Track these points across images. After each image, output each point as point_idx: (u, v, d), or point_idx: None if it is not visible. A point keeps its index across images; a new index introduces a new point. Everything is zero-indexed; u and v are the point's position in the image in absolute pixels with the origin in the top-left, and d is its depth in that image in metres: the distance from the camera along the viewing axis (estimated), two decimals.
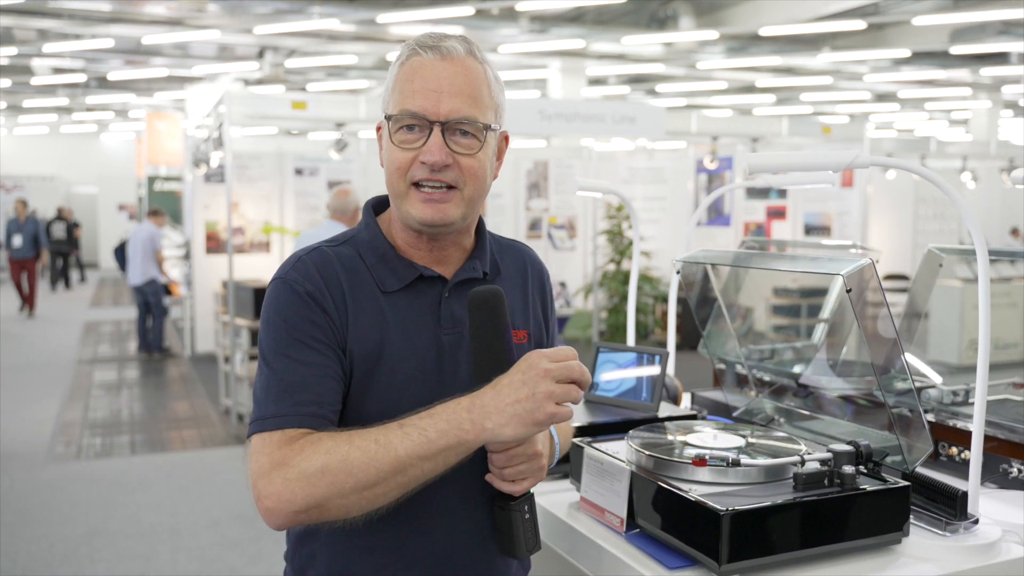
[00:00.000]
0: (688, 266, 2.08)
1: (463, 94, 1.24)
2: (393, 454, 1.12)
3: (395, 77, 1.28)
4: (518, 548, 1.27)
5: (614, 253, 9.95)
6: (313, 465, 1.11)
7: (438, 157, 1.23)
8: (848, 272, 1.37)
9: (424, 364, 1.26)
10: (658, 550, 1.42)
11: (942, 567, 1.38)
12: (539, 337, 1.41)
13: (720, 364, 2.22)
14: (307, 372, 1.21)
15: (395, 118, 1.25)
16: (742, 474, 1.42)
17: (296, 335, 1.22)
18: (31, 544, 4.44)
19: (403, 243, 1.32)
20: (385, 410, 1.22)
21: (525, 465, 1.23)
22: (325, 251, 1.30)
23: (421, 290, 1.30)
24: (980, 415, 1.45)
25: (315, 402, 1.19)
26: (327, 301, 1.24)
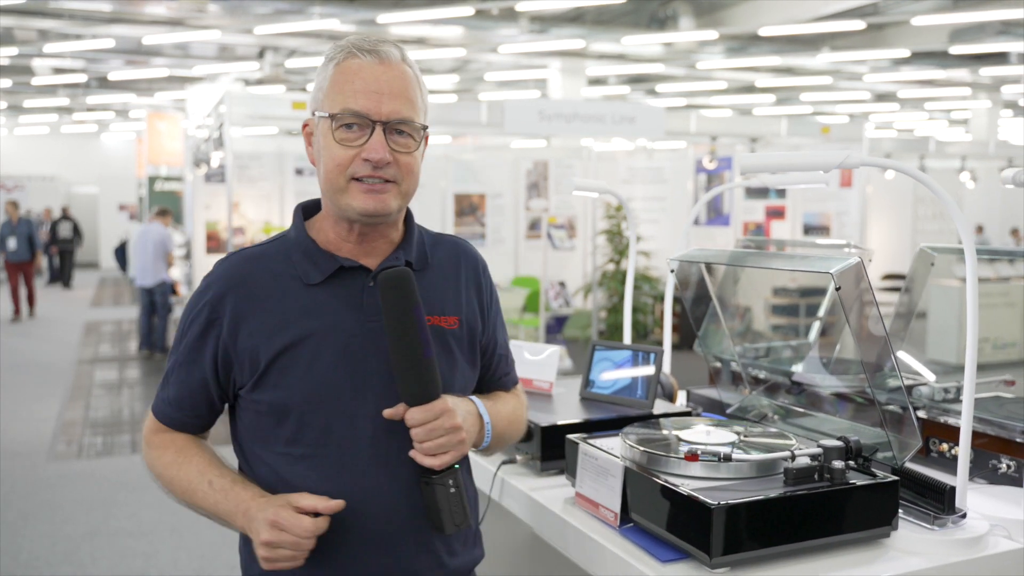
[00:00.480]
0: (684, 266, 2.10)
1: (401, 96, 1.33)
2: (194, 501, 1.38)
3: (331, 77, 1.34)
4: (444, 522, 1.31)
5: (613, 253, 9.97)
6: (154, 466, 1.44)
7: (381, 155, 1.31)
8: (838, 270, 1.39)
9: (347, 349, 1.35)
10: (651, 544, 1.44)
11: (930, 560, 1.40)
12: (473, 323, 1.47)
13: (715, 362, 2.24)
14: (181, 378, 1.41)
15: (337, 117, 1.32)
16: (734, 469, 1.44)
17: (185, 338, 1.40)
18: (32, 543, 4.47)
19: (333, 237, 1.40)
20: (313, 391, 1.34)
21: (444, 438, 1.30)
22: (254, 250, 1.42)
23: (345, 281, 1.38)
24: (968, 410, 1.47)
25: (177, 405, 1.42)
26: (223, 307, 1.37)
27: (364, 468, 1.34)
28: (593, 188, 2.29)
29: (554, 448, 1.79)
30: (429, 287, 1.42)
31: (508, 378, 1.58)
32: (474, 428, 1.38)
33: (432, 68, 15.21)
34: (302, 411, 1.34)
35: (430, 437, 1.29)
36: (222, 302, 1.37)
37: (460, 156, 10.63)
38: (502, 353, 1.56)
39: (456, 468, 1.33)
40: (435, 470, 1.31)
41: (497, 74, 14.98)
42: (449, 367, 1.41)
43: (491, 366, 1.54)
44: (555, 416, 1.88)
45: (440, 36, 11.66)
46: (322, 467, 1.34)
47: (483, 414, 1.42)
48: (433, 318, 1.40)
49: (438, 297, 1.43)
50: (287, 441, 1.36)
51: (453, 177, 9.99)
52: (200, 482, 1.36)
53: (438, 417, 1.30)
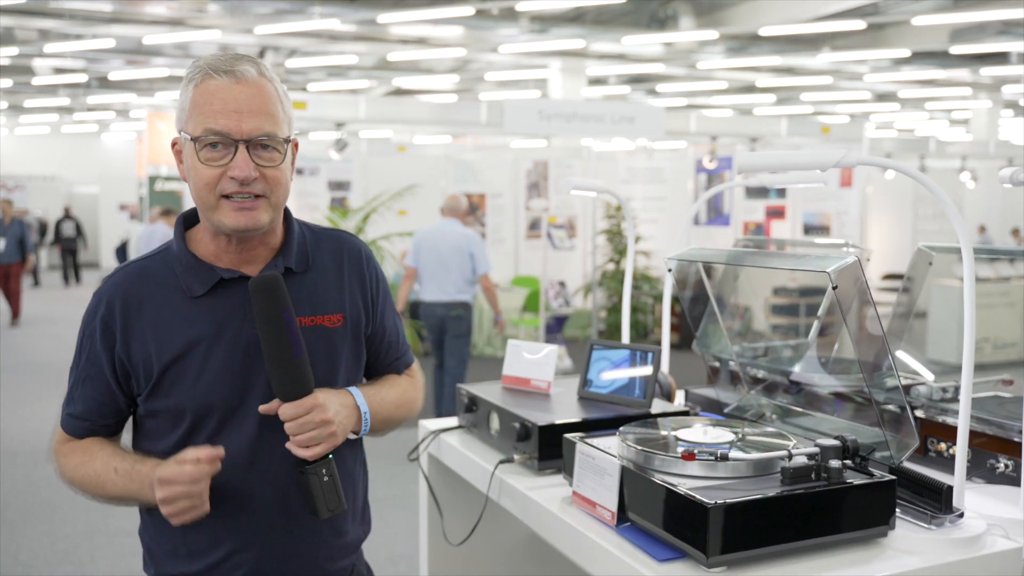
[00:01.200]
0: (683, 266, 2.10)
1: (262, 113, 1.37)
2: (105, 491, 1.44)
3: (191, 99, 1.38)
4: (319, 508, 1.41)
5: (613, 253, 9.97)
6: (65, 473, 1.49)
7: (246, 172, 1.36)
8: (835, 269, 1.39)
9: (232, 358, 1.43)
10: (648, 543, 1.44)
11: (927, 559, 1.40)
12: (357, 316, 1.54)
13: (714, 362, 2.24)
14: (85, 393, 1.48)
15: (200, 139, 1.36)
16: (731, 468, 1.44)
17: (84, 353, 1.47)
18: (32, 542, 4.47)
19: (214, 249, 1.46)
20: (203, 397, 1.42)
21: (315, 431, 1.39)
22: (140, 263, 1.48)
23: (228, 291, 1.45)
24: (965, 410, 1.47)
25: (82, 416, 1.48)
26: (115, 323, 1.43)
27: (250, 461, 1.44)
28: (591, 188, 2.29)
29: (551, 447, 1.78)
30: (312, 287, 1.50)
31: (399, 362, 1.67)
32: (349, 419, 1.46)
33: (432, 68, 15.21)
34: (195, 415, 1.43)
35: (302, 430, 1.38)
36: (113, 317, 1.44)
37: (460, 156, 10.63)
38: (392, 340, 1.64)
39: (330, 458, 1.42)
40: (308, 460, 1.40)
41: (497, 74, 14.98)
42: (332, 365, 1.50)
43: (380, 353, 1.63)
44: (553, 415, 1.87)
45: (440, 36, 11.67)
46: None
47: (360, 404, 1.50)
48: (317, 318, 1.48)
49: (321, 297, 1.50)
50: (180, 442, 1.44)
51: (453, 177, 9.99)
52: (107, 473, 1.43)
53: (308, 412, 1.38)
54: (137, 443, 1.52)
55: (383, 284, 1.62)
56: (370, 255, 1.60)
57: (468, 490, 1.98)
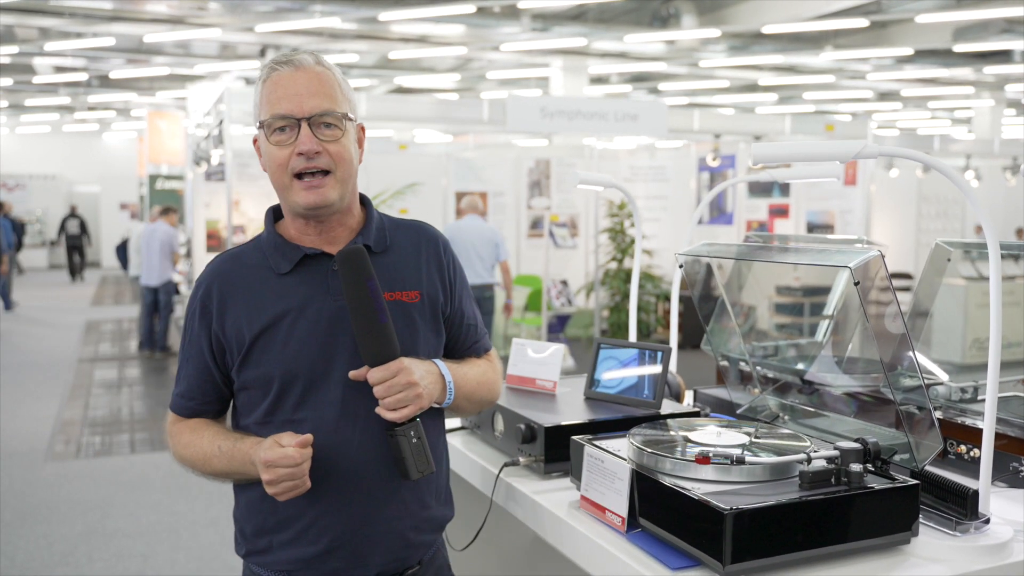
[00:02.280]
0: (691, 264, 2.04)
1: (319, 93, 1.49)
2: (210, 466, 1.55)
3: (261, 93, 1.53)
4: (409, 469, 1.46)
5: (616, 251, 9.92)
6: (176, 452, 1.61)
7: (310, 146, 1.47)
8: (856, 264, 1.33)
9: (317, 327, 1.52)
10: (660, 550, 1.38)
11: (952, 568, 1.34)
12: (435, 295, 1.63)
13: (723, 361, 2.18)
14: (189, 374, 1.59)
15: (267, 123, 1.50)
16: (747, 472, 1.39)
17: (188, 335, 1.59)
18: (29, 543, 4.42)
19: (296, 232, 1.58)
20: (289, 364, 1.51)
21: (402, 393, 1.45)
22: (234, 250, 1.61)
23: (312, 268, 1.55)
24: (991, 411, 1.41)
25: (188, 396, 1.60)
26: (212, 302, 1.55)
27: (335, 427, 1.51)
28: (598, 182, 2.23)
29: (558, 449, 1.73)
30: (390, 267, 1.59)
31: (478, 345, 1.73)
32: (434, 386, 1.52)
33: (434, 67, 15.16)
34: (282, 381, 1.51)
35: (389, 393, 1.44)
36: (210, 295, 1.56)
37: (461, 154, 10.57)
38: (471, 323, 1.72)
39: (417, 421, 1.47)
40: (397, 423, 1.45)
41: (499, 72, 14.92)
42: (412, 336, 1.57)
43: (460, 336, 1.70)
44: (559, 416, 1.82)
45: (442, 34, 11.61)
46: (300, 429, 1.49)
47: (444, 373, 1.56)
48: (396, 294, 1.57)
49: (399, 275, 1.59)
50: (268, 410, 1.53)
51: (454, 175, 9.94)
52: (212, 451, 1.53)
53: (395, 375, 1.45)
54: (234, 420, 1.62)
55: (460, 271, 1.71)
56: (447, 244, 1.70)
57: (472, 494, 1.93)
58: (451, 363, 1.61)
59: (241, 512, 1.62)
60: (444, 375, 1.56)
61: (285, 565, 1.55)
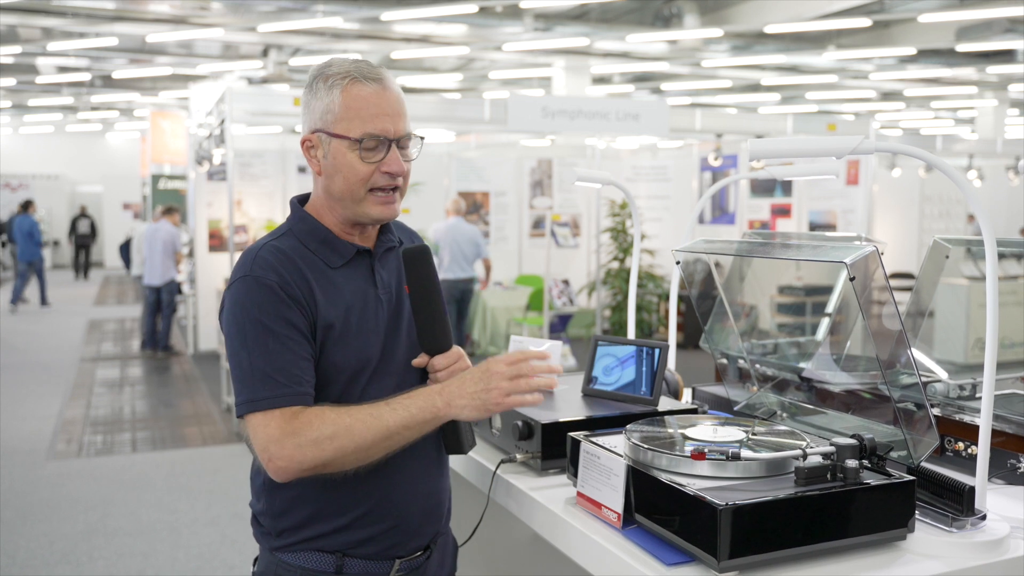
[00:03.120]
0: (690, 264, 2.04)
1: (403, 116, 1.57)
2: (385, 424, 1.44)
3: (342, 103, 1.52)
4: (464, 444, 1.59)
5: (617, 251, 9.91)
6: (323, 433, 1.42)
7: (399, 168, 1.56)
8: (852, 260, 1.33)
9: (378, 319, 1.58)
10: (656, 546, 1.38)
11: (948, 564, 1.34)
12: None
13: (722, 359, 2.17)
14: (288, 358, 1.47)
15: (362, 141, 1.52)
16: (742, 468, 1.38)
17: (273, 325, 1.47)
18: (30, 541, 4.42)
19: (339, 229, 1.61)
20: (358, 357, 1.54)
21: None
22: (274, 245, 1.56)
23: (357, 263, 1.61)
24: (988, 407, 1.41)
25: (298, 382, 1.47)
26: (292, 288, 1.50)
27: None
28: (596, 179, 2.23)
29: (555, 446, 1.72)
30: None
31: None
32: None
33: (436, 66, 15.16)
34: (351, 372, 1.55)
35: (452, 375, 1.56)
36: (286, 281, 1.50)
37: (463, 154, 10.57)
38: None
39: None
40: None
41: (501, 72, 14.92)
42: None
43: None
44: (556, 413, 1.81)
45: (444, 34, 11.62)
46: None
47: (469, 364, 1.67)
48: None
49: None
50: (335, 399, 1.53)
51: (456, 175, 9.94)
52: (377, 409, 1.45)
53: (456, 361, 1.60)
54: None
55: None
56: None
57: (469, 490, 1.92)
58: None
59: (283, 506, 1.56)
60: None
61: (345, 546, 1.56)
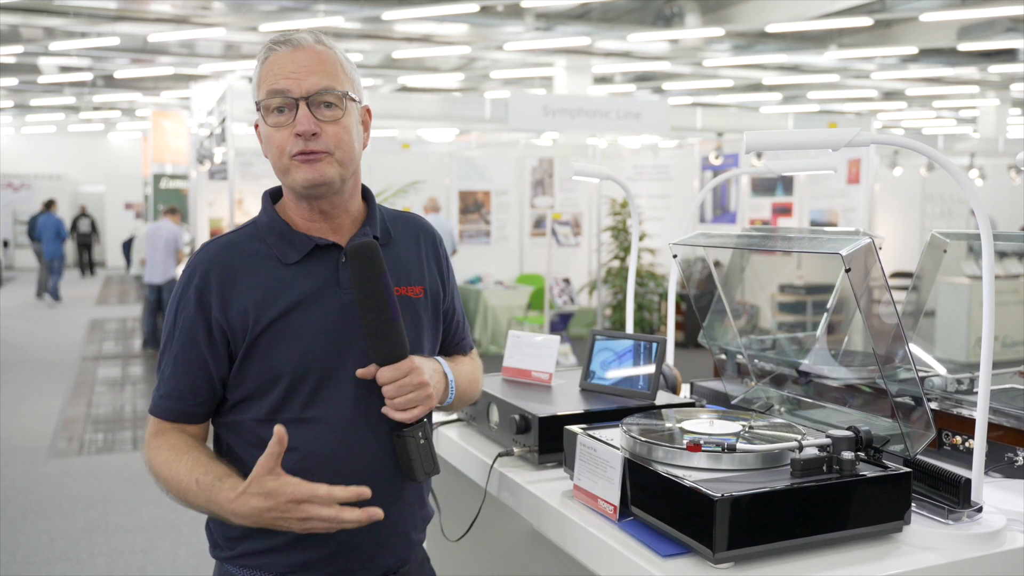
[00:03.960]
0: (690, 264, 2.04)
1: (318, 71, 1.41)
2: (184, 497, 1.42)
3: (259, 74, 1.45)
4: (416, 471, 1.43)
5: (618, 250, 9.91)
6: (153, 468, 1.46)
7: (307, 126, 1.39)
8: (848, 251, 1.33)
9: (327, 322, 1.44)
10: (652, 538, 1.38)
11: (944, 556, 1.34)
12: (436, 290, 1.59)
13: (720, 354, 2.18)
14: (180, 370, 1.45)
15: (264, 103, 1.42)
16: (738, 460, 1.38)
17: (180, 332, 1.45)
18: (31, 539, 4.43)
19: (300, 220, 1.49)
20: (297, 362, 1.42)
21: (413, 394, 1.41)
22: (227, 239, 1.50)
23: (320, 258, 1.47)
24: (984, 399, 1.41)
25: (178, 399, 1.45)
26: (209, 295, 1.43)
27: (346, 427, 1.44)
28: (594, 173, 2.23)
29: (552, 440, 1.73)
30: (394, 260, 1.53)
31: (464, 343, 1.72)
32: (440, 385, 1.49)
33: (437, 66, 15.17)
34: (292, 378, 1.43)
35: (400, 393, 1.40)
36: (207, 284, 1.44)
37: (464, 153, 10.57)
38: (459, 320, 1.69)
39: (425, 422, 1.45)
40: (405, 423, 1.41)
41: (502, 72, 14.93)
42: (417, 333, 1.52)
43: (451, 331, 1.67)
44: (553, 407, 1.82)
45: (445, 33, 11.62)
46: (308, 429, 1.43)
47: (447, 372, 1.53)
48: (400, 288, 1.51)
49: (403, 269, 1.54)
50: (273, 408, 1.44)
51: (457, 174, 9.94)
52: (189, 482, 1.40)
53: (406, 375, 1.40)
54: (221, 416, 1.49)
55: (451, 266, 1.67)
56: (441, 238, 1.66)
57: (466, 484, 1.93)
58: (449, 361, 1.58)
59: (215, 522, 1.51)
60: (447, 373, 1.53)
61: (284, 568, 1.46)
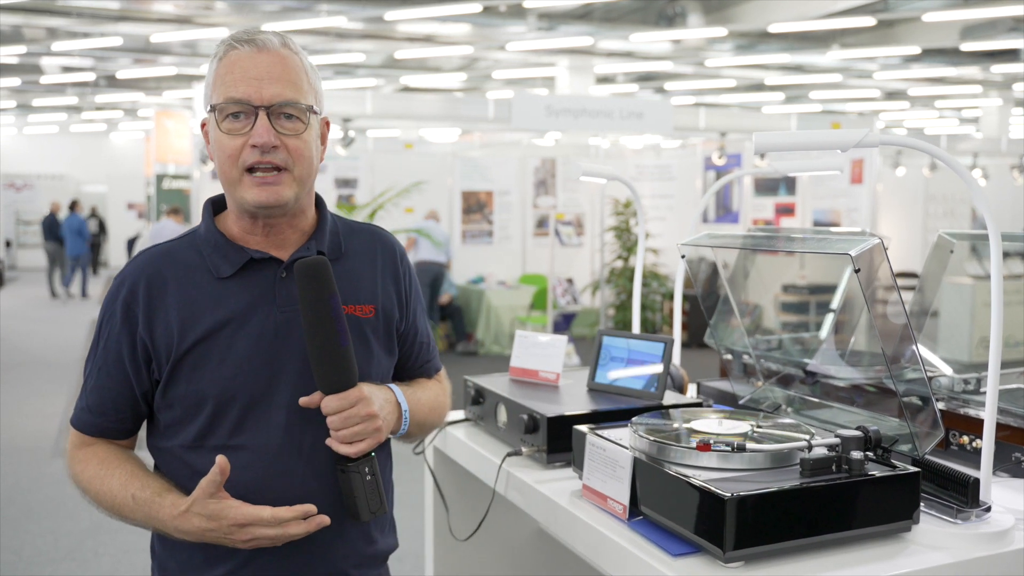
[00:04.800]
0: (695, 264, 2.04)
1: (283, 80, 1.31)
2: (119, 512, 1.35)
3: (215, 72, 1.33)
4: (360, 509, 1.32)
5: (621, 250, 9.91)
6: (79, 482, 1.40)
7: (266, 139, 1.29)
8: (857, 251, 1.33)
9: (260, 342, 1.35)
10: (662, 537, 1.39)
11: (953, 555, 1.34)
12: (390, 310, 1.47)
13: (727, 354, 2.18)
14: (102, 383, 1.38)
15: (220, 107, 1.31)
16: (747, 459, 1.39)
17: (104, 343, 1.38)
18: (36, 538, 4.44)
19: (240, 231, 1.39)
20: (227, 382, 1.33)
21: (360, 426, 1.30)
22: (165, 245, 1.41)
23: (257, 272, 1.38)
24: (992, 398, 1.41)
25: (101, 413, 1.39)
26: (137, 304, 1.35)
27: (277, 456, 1.35)
28: (601, 174, 2.24)
29: (560, 440, 1.73)
30: (344, 276, 1.42)
31: (430, 365, 1.60)
32: (391, 416, 1.38)
33: (440, 66, 15.17)
34: (217, 402, 1.34)
35: (346, 425, 1.30)
36: (135, 296, 1.36)
37: (467, 153, 10.58)
38: (423, 341, 1.58)
39: (372, 456, 1.34)
40: (351, 458, 1.31)
41: (505, 72, 14.93)
42: (365, 356, 1.41)
43: (412, 354, 1.56)
44: (561, 407, 1.82)
45: (448, 33, 11.63)
46: (236, 457, 1.32)
47: (401, 401, 1.42)
48: (348, 307, 1.39)
49: (352, 287, 1.43)
50: (200, 434, 1.35)
51: (460, 174, 9.94)
52: (124, 497, 1.34)
53: (354, 405, 1.30)
54: (153, 440, 1.42)
55: (415, 283, 1.55)
56: (403, 252, 1.54)
57: (475, 484, 1.93)
58: (404, 387, 1.47)
59: (161, 545, 1.42)
60: (400, 403, 1.42)
61: None
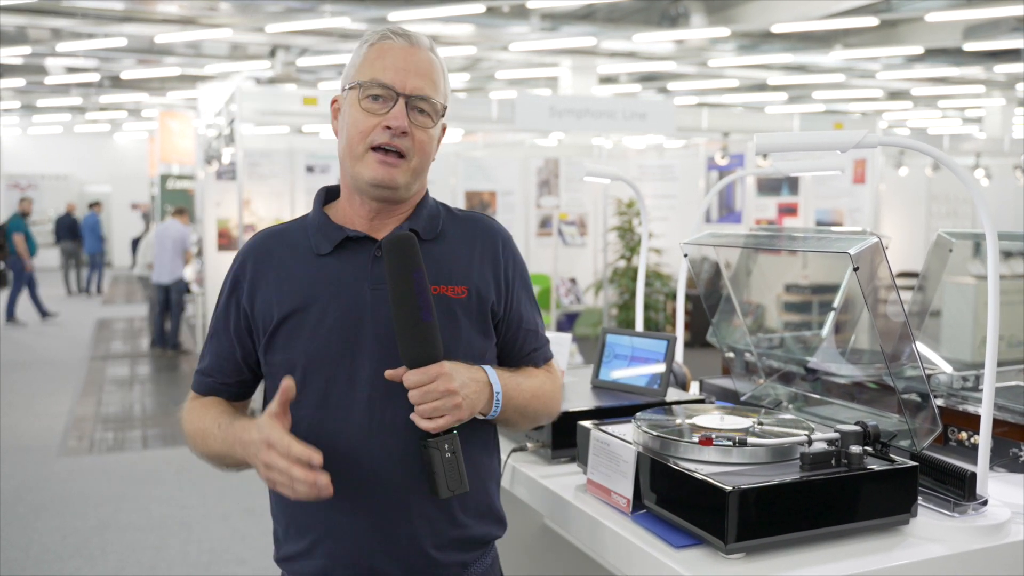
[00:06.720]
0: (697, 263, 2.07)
1: (426, 77, 1.42)
2: (206, 446, 1.45)
3: (364, 55, 1.44)
4: (439, 486, 1.32)
5: (624, 249, 9.94)
6: (184, 427, 1.52)
7: (401, 122, 1.39)
8: (856, 250, 1.36)
9: (348, 316, 1.41)
10: (664, 530, 1.42)
11: (950, 547, 1.37)
12: (485, 293, 1.48)
13: (729, 352, 2.21)
14: (212, 349, 1.52)
15: (365, 85, 1.40)
16: (749, 454, 1.42)
17: (217, 313, 1.52)
18: (43, 536, 4.47)
19: (346, 214, 1.49)
20: (315, 352, 1.41)
21: (439, 402, 1.31)
22: (280, 227, 1.54)
23: (354, 251, 1.45)
24: (989, 394, 1.44)
25: (210, 373, 1.52)
26: (244, 276, 1.48)
27: (359, 430, 1.39)
28: (605, 174, 2.26)
29: (565, 435, 1.76)
30: (438, 257, 1.46)
31: (537, 354, 1.56)
32: (478, 395, 1.37)
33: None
34: (304, 371, 1.40)
35: (425, 399, 1.31)
36: (244, 271, 1.49)
37: (470, 153, 10.61)
38: (529, 328, 1.55)
39: (454, 433, 1.34)
40: (432, 433, 1.32)
41: (508, 72, 14.96)
42: (453, 335, 1.42)
43: (516, 341, 1.54)
44: (566, 404, 1.85)
45: (451, 34, 11.65)
46: (320, 429, 1.39)
47: (493, 383, 1.41)
48: (440, 287, 1.43)
49: (446, 267, 1.46)
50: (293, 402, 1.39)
51: (463, 174, 9.97)
52: (211, 427, 1.43)
53: (434, 380, 1.31)
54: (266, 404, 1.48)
55: (520, 270, 1.55)
56: (508, 239, 1.55)
57: None
58: (504, 371, 1.46)
59: (273, 509, 1.50)
60: (492, 384, 1.40)
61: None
